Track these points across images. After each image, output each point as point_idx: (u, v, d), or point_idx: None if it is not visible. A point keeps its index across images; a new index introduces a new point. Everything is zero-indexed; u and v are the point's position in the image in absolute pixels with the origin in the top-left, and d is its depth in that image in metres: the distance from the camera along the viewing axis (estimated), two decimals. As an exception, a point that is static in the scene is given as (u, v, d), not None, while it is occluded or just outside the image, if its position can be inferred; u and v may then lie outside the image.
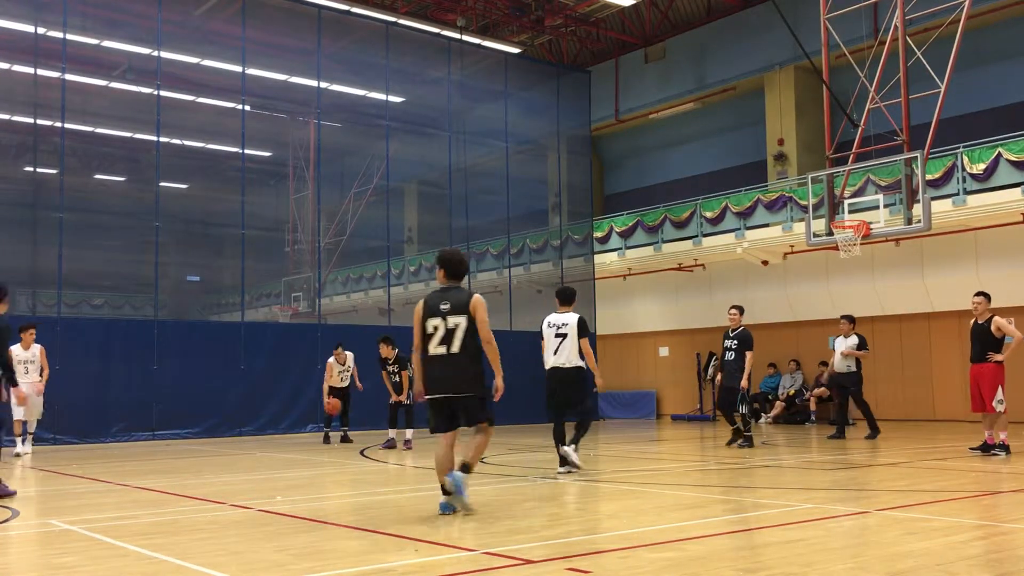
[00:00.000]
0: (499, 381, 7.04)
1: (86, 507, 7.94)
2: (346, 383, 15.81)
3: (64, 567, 5.15)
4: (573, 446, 9.75)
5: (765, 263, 21.94)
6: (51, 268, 17.03)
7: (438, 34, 23.04)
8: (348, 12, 21.54)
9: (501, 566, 4.95)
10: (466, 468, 6.81)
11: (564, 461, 9.72)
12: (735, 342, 13.24)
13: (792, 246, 21.00)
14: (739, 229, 21.72)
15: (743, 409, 13.18)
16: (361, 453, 13.49)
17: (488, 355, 6.95)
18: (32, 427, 13.62)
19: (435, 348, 6.88)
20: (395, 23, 22.23)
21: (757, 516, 6.67)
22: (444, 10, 24.98)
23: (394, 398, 14.35)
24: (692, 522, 6.55)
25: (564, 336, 9.80)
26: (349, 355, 15.86)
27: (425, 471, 10.96)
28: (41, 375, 13.64)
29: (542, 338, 10.07)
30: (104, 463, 12.52)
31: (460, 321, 6.83)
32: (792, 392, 20.88)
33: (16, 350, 12.96)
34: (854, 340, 14.65)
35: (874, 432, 14.44)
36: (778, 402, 20.91)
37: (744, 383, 12.97)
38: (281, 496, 8.28)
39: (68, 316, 17.54)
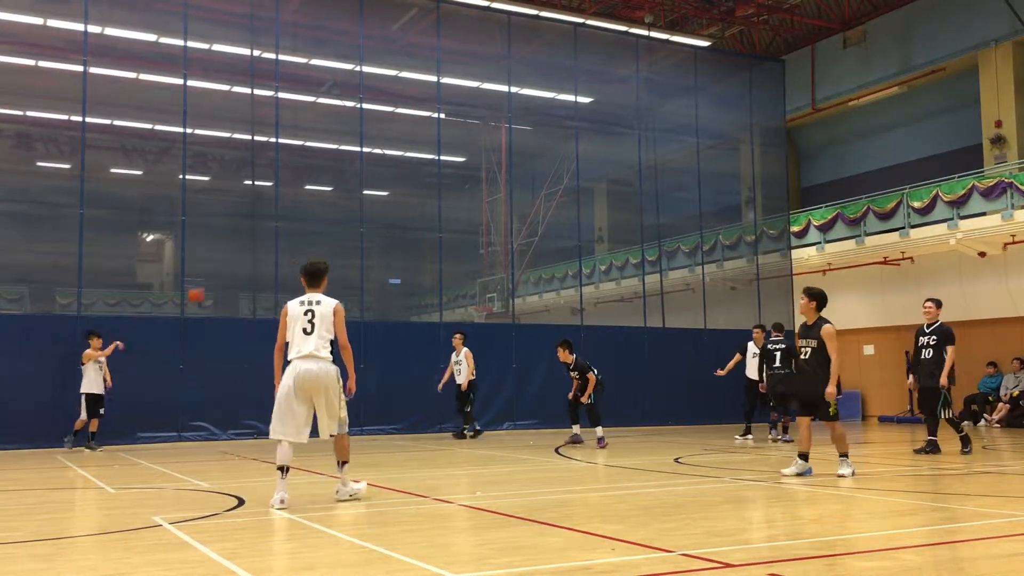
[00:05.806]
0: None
1: (303, 497, 8.47)
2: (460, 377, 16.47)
3: (284, 553, 5.53)
4: None
5: (982, 254, 20.51)
6: (269, 273, 18.33)
7: (625, 32, 22.96)
8: (537, 16, 21.87)
9: (700, 568, 4.88)
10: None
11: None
12: (933, 338, 12.16)
13: (1013, 236, 19.59)
14: (952, 219, 20.42)
15: (945, 414, 12.05)
16: (556, 451, 13.67)
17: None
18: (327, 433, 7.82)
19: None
20: (583, 24, 22.35)
21: (978, 526, 6.23)
22: (631, 8, 24.86)
23: (579, 397, 14.42)
24: (905, 530, 6.21)
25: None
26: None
27: (617, 469, 10.97)
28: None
29: None
30: (319, 457, 13.29)
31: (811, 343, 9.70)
32: (1016, 393, 19.34)
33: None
34: None
35: None
36: (1000, 404, 19.46)
37: (944, 380, 11.93)
38: (480, 491, 8.53)
39: (284, 318, 18.75)
